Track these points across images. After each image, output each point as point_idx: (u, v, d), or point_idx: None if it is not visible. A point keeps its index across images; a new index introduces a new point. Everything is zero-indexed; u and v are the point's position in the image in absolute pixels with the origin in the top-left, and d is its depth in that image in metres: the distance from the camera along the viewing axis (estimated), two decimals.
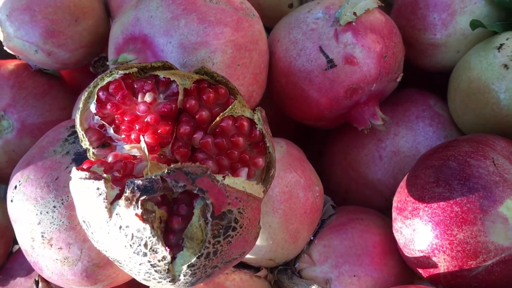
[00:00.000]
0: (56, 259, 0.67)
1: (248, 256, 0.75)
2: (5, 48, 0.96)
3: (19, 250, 0.93)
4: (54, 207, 0.65)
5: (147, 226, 0.49)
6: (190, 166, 0.52)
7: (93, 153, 0.60)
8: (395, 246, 0.80)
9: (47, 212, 0.66)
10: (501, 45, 0.81)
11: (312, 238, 0.81)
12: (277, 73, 0.84)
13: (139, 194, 0.50)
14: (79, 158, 0.69)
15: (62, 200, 0.65)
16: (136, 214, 0.49)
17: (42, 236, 0.66)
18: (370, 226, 0.82)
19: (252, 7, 0.80)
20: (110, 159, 0.60)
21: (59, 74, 1.02)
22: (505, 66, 0.78)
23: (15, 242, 0.97)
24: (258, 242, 0.71)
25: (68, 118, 0.99)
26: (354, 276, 0.78)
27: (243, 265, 0.80)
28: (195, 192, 0.52)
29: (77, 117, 0.61)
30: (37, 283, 0.83)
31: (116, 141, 0.62)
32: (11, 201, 0.68)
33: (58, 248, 0.66)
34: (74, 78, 1.07)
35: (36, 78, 0.97)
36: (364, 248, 0.80)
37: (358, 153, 0.94)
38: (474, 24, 0.84)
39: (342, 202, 0.93)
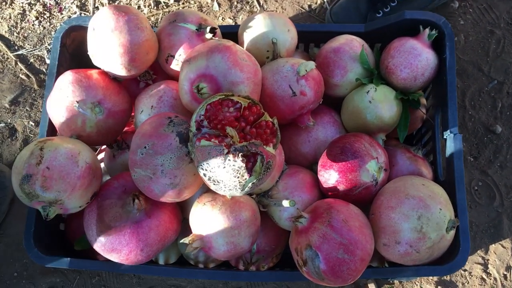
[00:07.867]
0: (166, 184, 1.02)
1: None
2: (94, 63, 1.23)
3: (107, 182, 1.20)
4: (171, 158, 1.00)
5: (243, 165, 0.93)
6: (256, 141, 0.95)
7: (192, 132, 1.03)
8: (318, 183, 1.18)
9: (166, 160, 1.00)
10: (368, 91, 1.21)
11: (278, 179, 1.18)
12: (265, 96, 1.17)
13: (238, 152, 0.93)
14: (180, 134, 1.01)
15: (174, 155, 1.00)
16: (240, 160, 0.93)
17: (162, 172, 1.00)
18: (305, 174, 1.20)
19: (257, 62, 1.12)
20: (206, 136, 1.08)
21: (122, 80, 1.26)
22: (370, 102, 1.19)
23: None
24: None
25: (130, 109, 1.29)
26: (300, 197, 1.16)
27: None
28: (258, 152, 0.94)
29: (193, 117, 1.00)
30: (133, 200, 1.09)
31: (205, 128, 0.99)
32: (142, 154, 1.01)
33: (169, 178, 1.01)
34: (127, 82, 1.36)
35: (113, 83, 1.25)
36: (303, 184, 1.17)
37: (297, 138, 1.27)
38: (356, 79, 1.23)
39: (289, 163, 1.25)
